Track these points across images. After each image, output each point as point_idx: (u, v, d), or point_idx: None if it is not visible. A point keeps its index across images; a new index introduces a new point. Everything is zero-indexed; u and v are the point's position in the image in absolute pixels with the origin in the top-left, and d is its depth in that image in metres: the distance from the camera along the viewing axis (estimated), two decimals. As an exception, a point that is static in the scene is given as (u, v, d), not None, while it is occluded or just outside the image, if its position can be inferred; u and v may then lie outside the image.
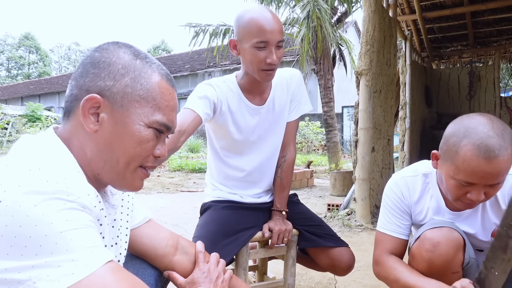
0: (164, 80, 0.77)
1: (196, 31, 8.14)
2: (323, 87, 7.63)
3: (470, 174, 0.99)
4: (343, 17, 8.23)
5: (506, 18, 5.04)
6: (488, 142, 0.95)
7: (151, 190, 5.52)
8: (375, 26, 3.28)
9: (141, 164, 0.76)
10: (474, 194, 1.01)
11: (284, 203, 1.54)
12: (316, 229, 1.55)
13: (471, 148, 0.97)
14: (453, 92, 5.74)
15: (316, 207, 4.17)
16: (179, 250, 1.00)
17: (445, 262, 1.09)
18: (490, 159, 0.95)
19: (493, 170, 0.96)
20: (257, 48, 1.31)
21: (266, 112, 1.50)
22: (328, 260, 1.53)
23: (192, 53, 17.38)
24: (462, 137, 1.00)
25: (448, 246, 1.09)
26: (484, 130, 0.97)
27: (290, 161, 1.57)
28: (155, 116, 0.74)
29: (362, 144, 3.25)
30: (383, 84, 3.55)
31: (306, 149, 12.42)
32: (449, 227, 1.12)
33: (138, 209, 0.98)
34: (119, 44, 0.76)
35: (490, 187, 1.01)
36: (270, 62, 1.31)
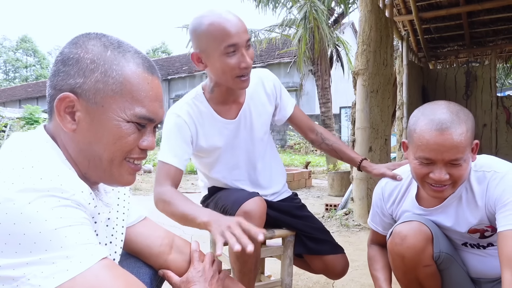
0: (140, 69, 0.72)
1: (193, 33, 8.13)
2: (321, 87, 7.65)
3: (425, 148, 1.02)
4: (340, 18, 8.26)
5: (502, 18, 5.07)
6: (440, 117, 1.01)
7: (149, 191, 5.51)
8: (371, 26, 3.30)
9: (125, 157, 0.73)
10: (437, 173, 1.03)
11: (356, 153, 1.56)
12: (316, 235, 1.54)
13: (425, 123, 1.03)
14: (450, 92, 5.76)
15: (314, 208, 4.17)
16: (174, 249, 1.00)
17: (414, 254, 1.13)
18: (442, 130, 0.99)
19: (446, 141, 0.99)
20: (226, 55, 1.19)
21: (243, 119, 1.42)
22: (322, 265, 1.54)
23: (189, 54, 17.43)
24: (419, 116, 1.07)
25: (415, 239, 1.12)
26: (438, 108, 1.04)
27: (325, 133, 1.57)
28: (133, 110, 0.70)
29: (360, 143, 3.26)
30: (380, 84, 3.56)
31: (304, 150, 12.43)
32: (418, 221, 1.15)
33: (134, 207, 0.98)
34: (90, 35, 0.72)
35: (451, 166, 1.02)
36: (245, 66, 1.21)
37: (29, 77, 41.07)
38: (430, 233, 1.14)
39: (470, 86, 5.59)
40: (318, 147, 1.61)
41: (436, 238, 1.15)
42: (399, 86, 4.84)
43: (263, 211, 1.29)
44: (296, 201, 1.64)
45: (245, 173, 1.49)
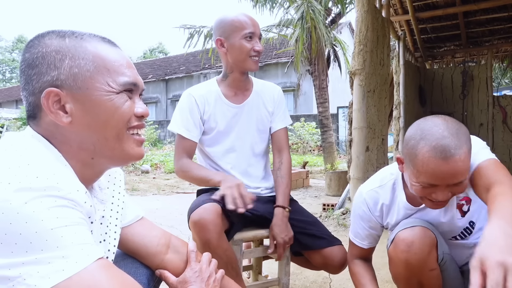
0: (103, 44, 0.75)
1: (191, 33, 8.14)
2: (318, 87, 7.66)
3: (430, 175, 1.00)
4: (337, 18, 8.27)
5: (498, 18, 5.09)
6: (443, 143, 0.97)
7: (147, 192, 5.50)
8: (368, 26, 3.30)
9: (127, 128, 0.75)
10: (440, 195, 1.03)
11: (287, 199, 1.57)
12: (310, 229, 1.57)
13: (428, 149, 0.99)
14: (447, 91, 5.78)
15: (311, 207, 4.18)
16: (171, 249, 1.00)
17: (420, 260, 1.12)
18: (447, 159, 0.96)
19: (451, 169, 0.97)
20: (245, 39, 1.51)
21: (247, 107, 1.61)
22: (321, 259, 1.55)
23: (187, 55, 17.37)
24: (419, 140, 1.01)
25: (422, 244, 1.12)
26: (438, 131, 0.99)
27: (287, 163, 1.65)
28: (115, 80, 0.73)
29: (356, 143, 3.27)
30: (377, 83, 3.57)
31: (302, 150, 12.44)
32: (421, 226, 1.15)
33: (131, 207, 0.98)
34: (42, 34, 0.74)
35: (454, 186, 1.02)
36: (258, 49, 1.53)
37: (26, 78, 40.69)
38: (434, 237, 1.15)
39: (466, 86, 5.61)
40: (273, 171, 1.70)
41: (439, 240, 1.17)
42: (396, 86, 4.85)
43: (213, 218, 1.33)
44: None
45: (239, 159, 1.61)
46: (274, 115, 1.68)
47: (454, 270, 1.22)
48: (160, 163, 9.02)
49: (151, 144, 13.61)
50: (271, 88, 1.71)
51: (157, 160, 9.33)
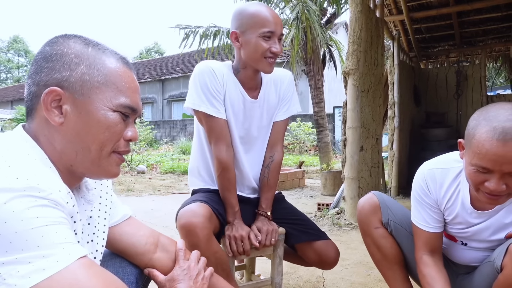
0: (120, 64, 0.77)
1: (186, 33, 8.13)
2: (314, 87, 7.67)
3: (484, 157, 0.96)
4: (332, 18, 8.28)
5: (491, 18, 5.12)
6: (505, 125, 0.93)
7: (142, 192, 5.49)
8: (361, 26, 3.31)
9: (113, 149, 0.76)
10: (493, 183, 0.98)
11: (270, 204, 1.54)
12: (300, 225, 1.57)
13: (487, 130, 0.95)
14: (441, 91, 5.80)
15: (306, 207, 4.18)
16: (159, 247, 1.00)
17: (366, 218, 1.38)
18: (506, 141, 0.92)
19: (508, 153, 0.92)
20: (263, 38, 1.37)
21: (258, 107, 1.52)
22: (314, 254, 1.55)
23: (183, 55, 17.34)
24: (481, 120, 0.98)
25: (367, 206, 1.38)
26: (504, 114, 0.95)
27: (277, 161, 1.57)
28: (118, 99, 0.74)
29: (351, 143, 3.27)
30: (371, 83, 3.58)
31: (298, 150, 12.45)
32: (371, 193, 1.41)
33: (118, 206, 0.98)
34: (68, 35, 0.76)
35: (509, 177, 0.96)
36: (275, 51, 1.37)
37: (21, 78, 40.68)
38: (377, 202, 1.36)
39: (460, 86, 5.64)
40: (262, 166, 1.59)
41: (385, 208, 1.35)
42: (390, 86, 4.87)
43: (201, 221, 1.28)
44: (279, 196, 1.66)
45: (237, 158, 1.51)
46: (280, 104, 1.57)
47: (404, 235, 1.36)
48: (156, 163, 9.00)
49: (147, 144, 13.58)
50: (281, 75, 1.58)
51: (153, 161, 9.30)
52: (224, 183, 1.45)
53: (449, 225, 1.24)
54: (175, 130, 16.81)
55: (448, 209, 1.20)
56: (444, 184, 1.19)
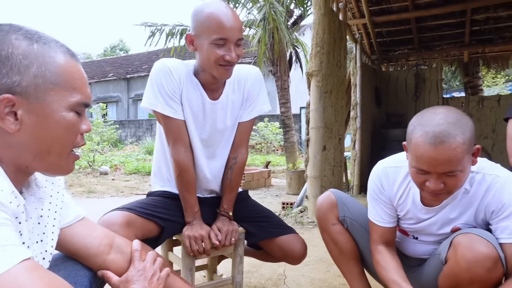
0: (68, 58, 0.75)
1: (152, 31, 7.98)
2: (280, 88, 7.76)
3: (420, 160, 1.03)
4: (298, 20, 8.40)
5: (447, 24, 5.40)
6: (436, 129, 0.99)
7: (104, 194, 5.33)
8: (325, 28, 3.39)
9: (73, 147, 0.76)
10: (432, 183, 1.04)
11: (231, 205, 1.53)
12: (263, 222, 1.57)
13: (421, 134, 1.02)
14: (401, 93, 6.04)
15: (271, 206, 4.23)
16: (114, 249, 0.98)
17: (324, 215, 1.44)
18: (436, 145, 0.98)
19: (440, 156, 0.99)
20: (215, 45, 1.28)
21: (220, 109, 1.47)
22: (280, 250, 1.55)
23: (149, 53, 17.02)
24: (416, 125, 1.05)
25: (325, 204, 1.43)
26: (435, 118, 1.02)
27: (241, 163, 1.54)
28: (74, 98, 0.73)
29: (314, 143, 3.34)
30: (334, 85, 3.68)
31: (265, 150, 12.54)
32: (329, 190, 1.47)
33: (71, 207, 0.95)
34: (5, 29, 0.70)
35: (446, 176, 1.03)
36: (229, 60, 1.29)
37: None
38: (335, 200, 1.41)
39: (419, 88, 5.90)
40: (225, 167, 1.55)
41: (341, 205, 1.41)
42: (353, 87, 5.01)
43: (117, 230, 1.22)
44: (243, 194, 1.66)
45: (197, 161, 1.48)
46: (245, 103, 1.51)
47: (359, 231, 1.42)
48: (120, 164, 8.76)
49: (111, 144, 13.19)
50: (246, 73, 1.50)
51: (117, 161, 9.05)
52: (182, 184, 1.44)
53: (402, 221, 1.30)
54: (140, 130, 16.44)
55: (401, 205, 1.26)
56: (396, 182, 1.25)
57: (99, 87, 20.81)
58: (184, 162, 1.42)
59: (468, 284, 1.07)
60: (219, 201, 1.55)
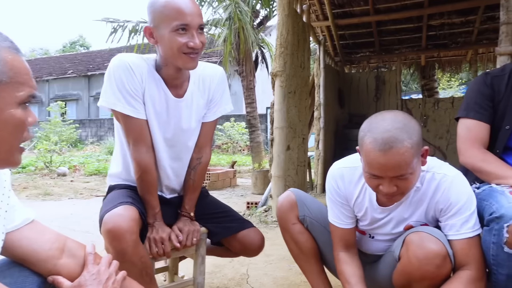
0: (12, 52, 0.73)
1: (114, 27, 7.73)
2: (246, 88, 7.76)
3: (371, 166, 1.06)
4: (264, 21, 8.44)
5: (405, 28, 5.63)
6: (384, 136, 1.02)
7: (62, 196, 5.10)
8: (288, 29, 3.43)
9: (21, 143, 0.75)
10: (385, 187, 1.07)
11: (193, 205, 1.51)
12: (223, 218, 1.57)
13: (370, 141, 1.05)
14: (363, 94, 6.24)
15: (236, 206, 4.22)
16: (65, 253, 0.94)
17: (284, 215, 1.45)
18: (385, 151, 1.02)
19: (389, 161, 1.02)
20: (177, 33, 1.23)
21: (185, 107, 1.43)
22: (239, 244, 1.56)
23: (111, 50, 16.48)
24: (366, 132, 1.08)
25: (285, 203, 1.45)
26: (384, 125, 1.05)
27: (204, 163, 1.53)
28: (21, 92, 0.71)
29: (278, 142, 3.37)
30: (298, 85, 3.73)
31: (231, 150, 12.52)
32: (290, 191, 1.47)
33: (18, 210, 0.90)
34: None
35: (398, 180, 1.06)
36: (193, 46, 1.24)
37: None
38: (295, 200, 1.43)
39: (379, 89, 6.12)
40: (188, 168, 1.53)
41: (301, 205, 1.42)
42: (317, 88, 5.11)
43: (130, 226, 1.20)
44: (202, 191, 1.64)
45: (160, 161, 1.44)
46: (210, 103, 1.49)
47: (318, 229, 1.44)
48: (80, 165, 8.42)
49: (70, 145, 12.66)
50: (211, 72, 1.48)
51: (76, 162, 8.69)
52: (144, 186, 1.39)
53: (360, 221, 1.34)
54: (102, 130, 15.90)
55: (358, 206, 1.29)
56: (352, 182, 1.28)
57: (57, 85, 19.92)
58: (145, 163, 1.37)
59: (420, 280, 1.11)
60: (181, 201, 1.52)
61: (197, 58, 1.31)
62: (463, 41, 5.74)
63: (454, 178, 1.16)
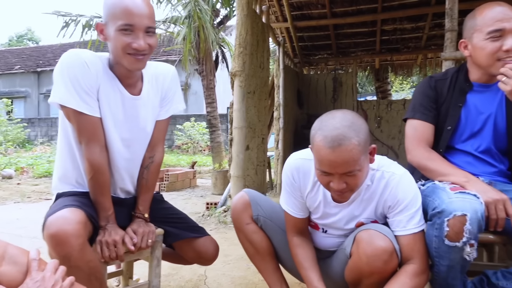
0: None
1: (66, 21, 7.36)
2: (206, 87, 7.70)
3: (322, 163, 1.10)
4: (225, 20, 8.41)
5: (361, 32, 5.83)
6: (333, 133, 1.07)
7: (7, 200, 4.78)
8: (247, 30, 3.44)
9: None
10: (335, 183, 1.12)
11: (148, 206, 1.47)
12: (179, 223, 1.55)
13: (320, 139, 1.09)
14: (321, 95, 6.40)
15: (196, 207, 4.17)
16: (6, 260, 0.88)
17: (238, 215, 1.46)
18: (334, 148, 1.06)
19: (338, 158, 1.06)
20: (122, 32, 1.22)
21: (141, 105, 1.41)
22: (193, 252, 1.54)
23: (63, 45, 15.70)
24: (317, 130, 1.12)
25: (238, 204, 1.46)
26: (333, 123, 1.09)
27: (157, 162, 1.50)
28: None
29: (237, 142, 3.37)
30: (257, 85, 3.75)
31: (192, 150, 12.35)
32: (242, 191, 1.49)
33: None
34: None
35: (347, 176, 1.10)
36: (137, 47, 1.23)
37: None
38: (248, 199, 1.44)
39: (336, 91, 6.30)
40: (141, 167, 1.50)
41: (255, 205, 1.44)
42: (276, 89, 5.16)
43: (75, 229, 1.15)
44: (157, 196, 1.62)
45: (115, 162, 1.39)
46: (163, 102, 1.48)
47: (272, 228, 1.46)
48: (28, 166, 7.93)
49: (17, 145, 11.89)
50: (164, 71, 1.48)
51: (24, 164, 8.18)
52: (96, 187, 1.34)
53: (313, 214, 1.37)
54: (53, 129, 15.07)
55: (311, 198, 1.33)
56: (307, 174, 1.31)
57: (3, 81, 18.67)
58: (99, 164, 1.32)
59: (369, 275, 1.16)
60: (135, 201, 1.48)
61: (144, 59, 1.29)
62: (414, 46, 6.04)
63: (402, 177, 1.21)
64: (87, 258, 1.19)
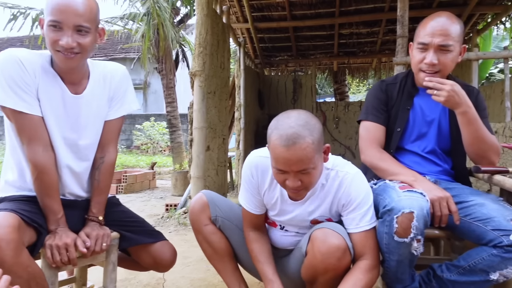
0: None
1: (14, 14, 6.94)
2: (166, 87, 7.56)
3: (277, 161, 1.13)
4: (185, 19, 8.31)
5: (319, 35, 5.98)
6: (287, 132, 1.10)
7: None
8: (207, 29, 3.42)
9: None
10: (290, 181, 1.14)
11: (102, 208, 1.43)
12: (135, 227, 1.51)
13: (276, 137, 1.12)
14: (281, 96, 6.49)
15: (155, 209, 4.08)
16: None
17: (196, 217, 1.46)
18: (289, 147, 1.09)
19: (293, 156, 1.09)
20: (51, 28, 1.21)
21: (84, 104, 1.37)
22: (149, 257, 1.50)
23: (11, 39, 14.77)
24: (273, 129, 1.14)
25: (196, 206, 1.46)
26: (288, 122, 1.12)
27: (109, 162, 1.46)
28: None
29: (197, 143, 3.34)
30: (217, 86, 3.73)
31: (152, 150, 12.05)
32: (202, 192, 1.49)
33: None
34: None
35: (302, 174, 1.13)
36: (63, 45, 1.20)
37: None
38: (206, 201, 1.45)
39: (296, 92, 6.42)
40: (92, 168, 1.47)
41: (213, 206, 1.44)
42: (237, 89, 5.17)
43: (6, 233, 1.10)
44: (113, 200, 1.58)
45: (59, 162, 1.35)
46: (112, 101, 1.45)
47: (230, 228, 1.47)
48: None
49: (-41, 145, 11.04)
50: (112, 70, 1.46)
51: (-33, 165, 7.61)
52: (42, 188, 1.28)
53: (270, 211, 1.40)
54: (0, 129, 14.14)
55: (269, 196, 1.35)
56: (265, 172, 1.34)
57: None
58: (42, 163, 1.27)
59: (324, 272, 1.20)
60: (89, 203, 1.43)
61: (76, 58, 1.26)
62: (369, 50, 6.29)
63: (355, 176, 1.27)
64: (24, 263, 1.14)
